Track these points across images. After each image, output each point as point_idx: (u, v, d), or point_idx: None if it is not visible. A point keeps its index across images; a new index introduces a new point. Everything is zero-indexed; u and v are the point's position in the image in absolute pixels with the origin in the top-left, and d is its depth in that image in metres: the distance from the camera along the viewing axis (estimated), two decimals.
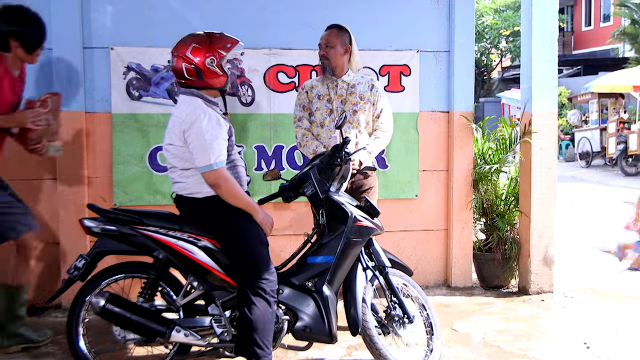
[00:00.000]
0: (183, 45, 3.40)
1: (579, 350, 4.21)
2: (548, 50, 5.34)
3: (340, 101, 4.40)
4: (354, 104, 4.41)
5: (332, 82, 4.41)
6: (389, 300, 3.73)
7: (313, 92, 4.44)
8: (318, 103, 4.42)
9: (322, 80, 4.44)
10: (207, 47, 3.39)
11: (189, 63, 3.37)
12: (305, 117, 4.45)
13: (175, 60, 3.41)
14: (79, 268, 3.40)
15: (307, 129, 4.43)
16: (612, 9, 28.18)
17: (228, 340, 3.48)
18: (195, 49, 3.37)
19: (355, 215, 3.68)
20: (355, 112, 4.40)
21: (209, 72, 3.40)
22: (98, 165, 5.14)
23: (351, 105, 4.40)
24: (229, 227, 3.42)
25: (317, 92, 4.43)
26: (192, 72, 3.38)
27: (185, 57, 3.37)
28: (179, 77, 3.44)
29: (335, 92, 4.41)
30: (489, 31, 30.87)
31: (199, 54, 3.37)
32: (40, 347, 4.19)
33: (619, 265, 6.45)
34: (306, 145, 4.40)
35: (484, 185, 5.62)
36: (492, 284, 5.63)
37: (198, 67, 3.37)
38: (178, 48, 3.41)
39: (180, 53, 3.38)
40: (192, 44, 3.38)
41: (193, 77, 3.39)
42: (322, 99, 4.41)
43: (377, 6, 5.40)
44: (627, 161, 16.04)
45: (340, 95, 4.40)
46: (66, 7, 4.96)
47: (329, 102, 4.40)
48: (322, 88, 4.42)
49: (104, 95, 5.11)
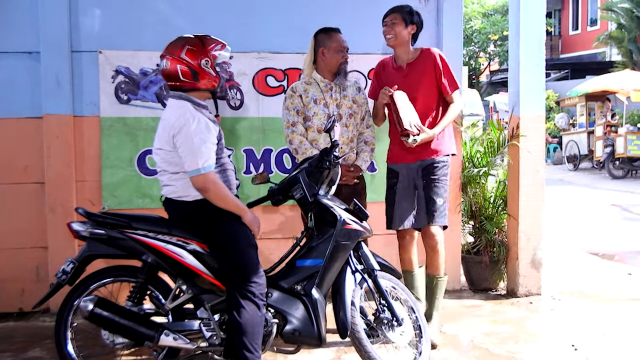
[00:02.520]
0: (176, 48, 3.39)
1: (566, 352, 4.23)
2: (535, 54, 5.37)
3: (336, 105, 4.40)
4: (349, 107, 4.43)
5: (326, 86, 4.41)
6: (378, 303, 3.73)
7: (308, 97, 4.40)
8: (315, 108, 4.38)
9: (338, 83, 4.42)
10: (201, 49, 3.39)
11: (184, 65, 3.36)
12: (299, 122, 4.39)
13: (169, 62, 3.38)
14: (67, 272, 3.39)
15: (302, 135, 4.37)
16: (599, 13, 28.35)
17: (217, 343, 3.47)
18: (190, 50, 3.37)
19: (344, 218, 3.69)
20: (351, 115, 4.42)
21: (204, 73, 3.39)
22: (86, 169, 5.12)
23: (347, 108, 4.42)
24: (217, 231, 3.42)
25: (312, 96, 4.40)
26: (187, 74, 3.38)
27: (180, 58, 3.36)
28: (171, 80, 3.42)
29: (330, 95, 4.41)
30: (477, 35, 31.02)
31: (194, 56, 3.36)
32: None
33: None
34: (304, 154, 4.28)
35: (473, 188, 5.65)
36: (481, 286, 5.66)
37: (193, 68, 3.37)
38: (171, 50, 3.40)
39: (174, 55, 3.37)
40: (186, 46, 3.38)
41: (188, 78, 3.38)
42: (318, 104, 4.39)
43: (365, 10, 5.41)
44: (614, 164, 16.14)
45: (335, 99, 4.40)
46: (54, 11, 4.95)
47: (325, 106, 4.39)
48: (316, 92, 4.40)
49: (93, 99, 5.10)
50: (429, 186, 4.35)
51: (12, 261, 5.04)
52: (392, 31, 4.37)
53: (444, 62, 4.40)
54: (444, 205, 4.37)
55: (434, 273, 4.45)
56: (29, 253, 5.07)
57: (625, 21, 24.54)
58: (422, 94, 4.36)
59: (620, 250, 7.59)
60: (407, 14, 4.37)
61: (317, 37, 4.43)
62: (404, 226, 4.41)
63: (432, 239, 4.36)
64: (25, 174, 5.04)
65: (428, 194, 4.35)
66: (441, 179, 4.37)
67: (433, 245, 4.38)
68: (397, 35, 4.37)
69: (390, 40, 4.39)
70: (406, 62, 4.44)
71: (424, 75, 4.38)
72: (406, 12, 4.37)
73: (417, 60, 4.42)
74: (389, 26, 4.38)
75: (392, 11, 4.40)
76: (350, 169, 4.39)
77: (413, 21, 4.38)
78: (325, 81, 4.42)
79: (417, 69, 4.40)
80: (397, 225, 4.43)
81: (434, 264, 4.43)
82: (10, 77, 5.00)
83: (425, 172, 4.36)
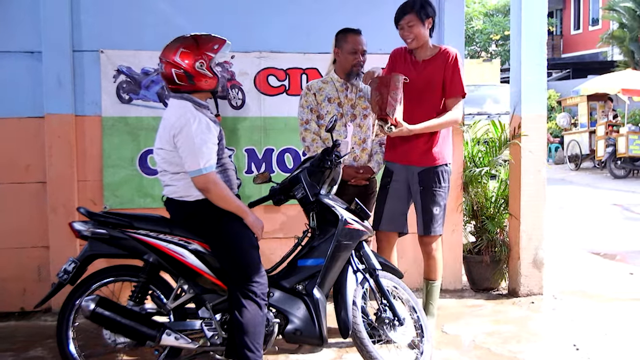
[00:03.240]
0: (170, 51, 3.38)
1: (568, 352, 4.23)
2: (537, 53, 5.36)
3: (350, 105, 4.39)
4: (364, 108, 4.42)
5: (342, 85, 4.39)
6: (380, 303, 3.73)
7: (322, 95, 4.39)
8: (328, 106, 4.38)
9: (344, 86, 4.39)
10: (195, 51, 3.37)
11: (178, 68, 3.36)
12: (313, 120, 4.38)
13: (164, 66, 3.40)
14: (69, 271, 3.39)
15: (316, 133, 4.36)
16: (600, 12, 28.31)
17: (219, 343, 3.48)
18: (184, 53, 3.35)
19: (346, 218, 3.69)
20: (365, 116, 4.41)
21: (199, 75, 3.39)
22: (88, 169, 5.12)
23: (361, 109, 4.41)
24: (219, 230, 3.42)
25: (326, 94, 4.38)
26: (183, 77, 3.38)
27: (173, 62, 3.36)
28: (169, 83, 3.43)
29: (345, 95, 4.40)
30: (478, 35, 30.99)
31: (187, 58, 3.35)
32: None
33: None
34: (316, 151, 4.22)
35: (474, 188, 5.65)
36: (482, 286, 5.65)
37: (188, 71, 3.36)
38: (165, 54, 3.39)
39: (168, 59, 3.37)
40: (180, 48, 3.37)
41: (184, 81, 3.39)
42: (332, 102, 4.38)
43: (366, 10, 5.41)
44: (616, 164, 16.11)
45: (350, 99, 4.39)
46: (56, 10, 4.95)
47: (339, 105, 4.38)
48: (332, 91, 4.39)
49: (94, 99, 5.10)
50: (427, 194, 4.27)
51: (13, 261, 5.04)
52: (410, 34, 4.16)
53: (456, 64, 4.22)
54: (440, 214, 4.32)
55: (431, 278, 4.44)
56: (31, 252, 5.07)
57: (627, 21, 24.51)
58: (430, 93, 4.22)
59: (622, 250, 7.58)
60: (422, 10, 4.11)
61: (336, 37, 4.43)
62: (385, 229, 4.36)
63: (428, 246, 4.37)
64: (26, 173, 5.04)
65: (426, 202, 4.28)
66: (441, 187, 4.29)
67: (429, 252, 4.38)
68: (417, 37, 4.17)
69: (411, 44, 4.20)
70: (423, 58, 4.28)
71: (436, 75, 4.22)
72: (420, 8, 4.11)
73: (434, 58, 4.25)
74: (406, 30, 4.16)
75: (404, 12, 4.15)
76: (359, 170, 4.39)
77: (428, 15, 4.15)
78: (341, 81, 4.41)
79: (431, 68, 4.23)
80: (377, 226, 4.34)
81: (430, 269, 4.43)
82: (12, 76, 5.00)
83: (423, 179, 4.27)
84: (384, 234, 4.40)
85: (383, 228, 4.37)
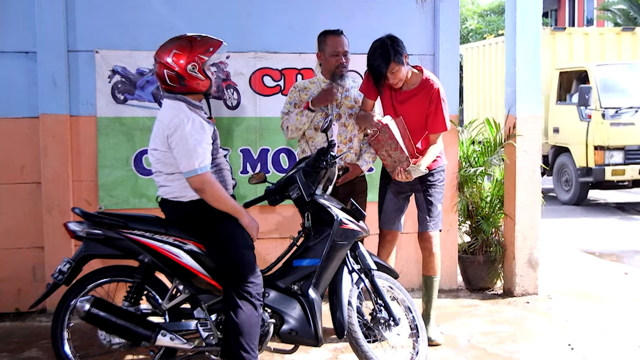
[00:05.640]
0: (164, 52, 3.37)
1: (563, 351, 4.24)
2: (532, 53, 5.37)
3: (336, 105, 4.40)
4: (350, 107, 4.42)
5: (327, 86, 4.39)
6: (375, 303, 3.74)
7: (306, 94, 4.40)
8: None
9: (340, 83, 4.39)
10: (188, 53, 3.36)
11: (170, 69, 3.35)
12: (294, 113, 4.37)
13: (157, 66, 3.39)
14: (64, 272, 3.38)
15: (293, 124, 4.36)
16: (595, 13, 28.40)
17: (214, 343, 3.48)
18: (176, 55, 3.34)
19: (341, 218, 3.69)
20: (351, 115, 4.42)
21: (191, 77, 3.38)
22: (83, 169, 5.11)
23: (347, 109, 4.41)
24: (214, 231, 3.42)
25: (311, 94, 4.38)
26: (174, 79, 3.37)
27: (166, 63, 3.35)
28: (162, 83, 3.43)
29: None
30: (473, 35, 31.02)
31: (180, 60, 3.34)
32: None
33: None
34: (293, 131, 4.34)
35: (469, 188, 5.65)
36: (478, 286, 5.66)
37: (179, 73, 3.35)
38: (159, 54, 3.39)
39: (161, 60, 3.36)
40: (173, 50, 3.36)
41: (175, 83, 3.38)
42: None
43: (362, 10, 5.41)
44: None
45: (336, 98, 4.39)
46: (50, 10, 4.93)
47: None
48: (317, 90, 4.39)
49: (89, 99, 5.09)
50: (426, 192, 4.40)
51: (8, 261, 5.02)
52: (395, 79, 4.18)
53: (439, 101, 4.24)
54: (440, 210, 4.46)
55: (431, 274, 4.49)
56: (26, 253, 5.06)
57: (621, 21, 24.57)
58: (412, 122, 4.26)
59: (617, 250, 7.61)
60: (397, 55, 4.10)
61: (318, 40, 4.44)
62: (388, 227, 4.52)
63: (429, 242, 4.43)
64: (21, 173, 5.03)
65: (426, 199, 4.40)
66: (438, 184, 4.42)
67: (430, 249, 4.44)
68: (402, 78, 4.21)
69: (398, 84, 4.24)
70: (405, 89, 4.31)
71: (418, 106, 4.27)
72: (395, 54, 4.09)
73: (417, 89, 4.28)
74: (390, 78, 4.17)
75: (386, 61, 4.09)
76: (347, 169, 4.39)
77: (402, 52, 4.14)
78: (327, 81, 4.41)
79: (414, 99, 4.28)
80: (381, 224, 4.55)
81: (430, 265, 4.48)
82: (7, 76, 4.98)
83: (422, 178, 4.34)
84: (388, 231, 4.54)
85: (386, 226, 4.53)
